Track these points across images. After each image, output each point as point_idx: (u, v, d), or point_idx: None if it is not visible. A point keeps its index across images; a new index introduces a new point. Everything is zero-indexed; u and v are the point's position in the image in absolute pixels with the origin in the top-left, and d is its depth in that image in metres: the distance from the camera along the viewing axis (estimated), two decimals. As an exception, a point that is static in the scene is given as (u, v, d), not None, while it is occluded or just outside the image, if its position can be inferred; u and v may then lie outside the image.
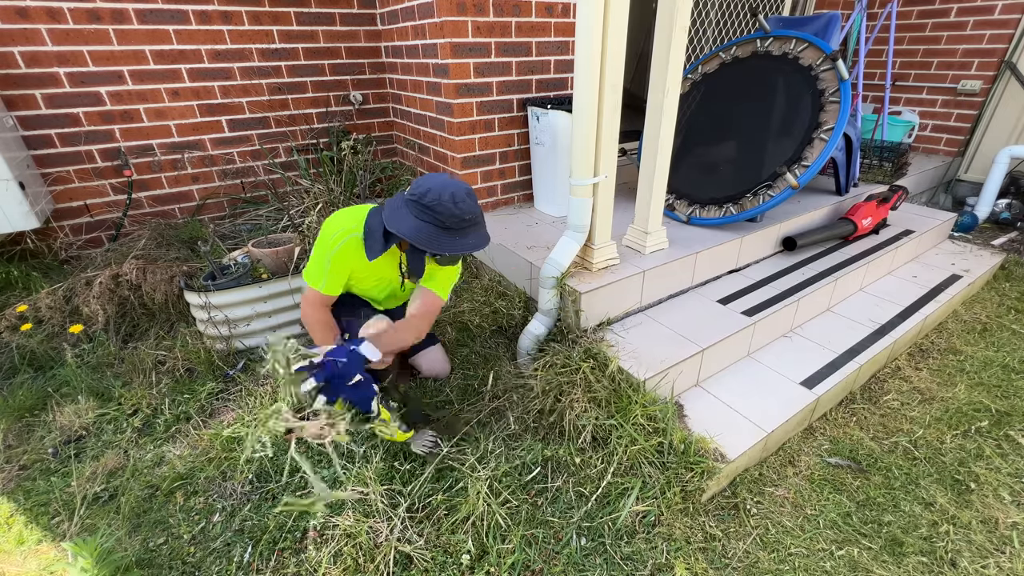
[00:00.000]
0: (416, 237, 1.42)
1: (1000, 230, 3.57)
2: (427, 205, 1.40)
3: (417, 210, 1.42)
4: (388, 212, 1.48)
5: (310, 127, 3.25)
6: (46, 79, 2.51)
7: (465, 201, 1.42)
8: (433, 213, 1.40)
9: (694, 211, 2.58)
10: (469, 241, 1.47)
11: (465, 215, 1.42)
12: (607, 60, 1.70)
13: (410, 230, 1.41)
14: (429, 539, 1.46)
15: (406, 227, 1.42)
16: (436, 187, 1.40)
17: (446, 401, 2.04)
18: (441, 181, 1.43)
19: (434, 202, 1.39)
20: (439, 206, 1.39)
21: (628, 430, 1.65)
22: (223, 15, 2.78)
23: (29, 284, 2.44)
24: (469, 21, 2.41)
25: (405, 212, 1.44)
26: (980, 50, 3.68)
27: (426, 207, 1.40)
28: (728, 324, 2.06)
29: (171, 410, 1.98)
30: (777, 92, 2.54)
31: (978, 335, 2.48)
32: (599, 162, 1.88)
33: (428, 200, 1.39)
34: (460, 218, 1.41)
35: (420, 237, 1.42)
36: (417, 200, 1.41)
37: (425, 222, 1.41)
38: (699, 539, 1.52)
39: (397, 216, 1.45)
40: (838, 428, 1.95)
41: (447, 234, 1.43)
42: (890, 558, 1.47)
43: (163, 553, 1.48)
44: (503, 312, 2.27)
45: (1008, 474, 1.73)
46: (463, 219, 1.42)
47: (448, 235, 1.43)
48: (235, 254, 2.40)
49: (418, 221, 1.42)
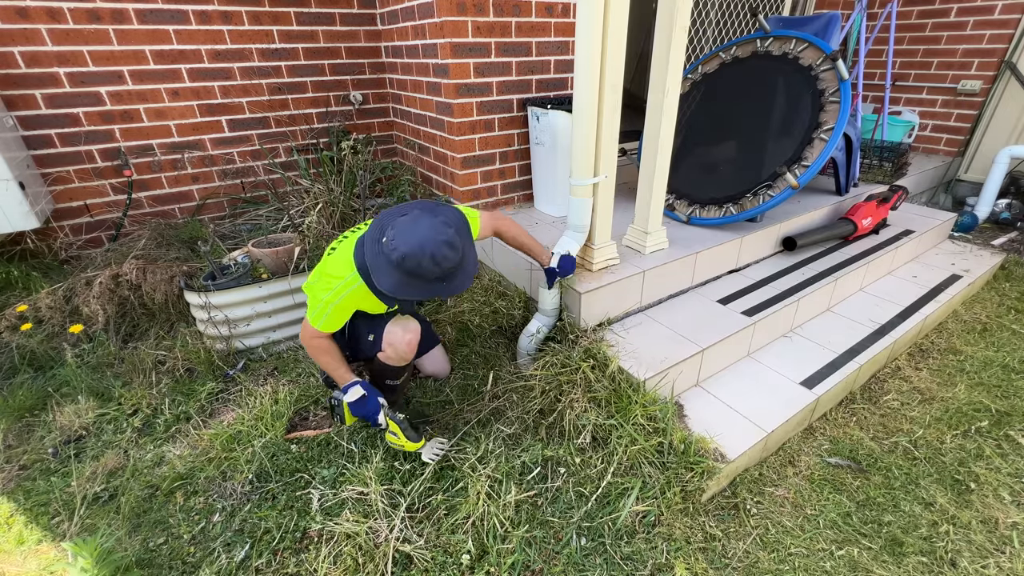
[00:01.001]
0: (404, 293, 1.42)
1: (1000, 230, 3.57)
2: (408, 271, 1.38)
3: (396, 270, 1.40)
4: (369, 258, 1.46)
5: (310, 127, 3.25)
6: (46, 79, 2.51)
7: (445, 256, 1.38)
8: (411, 274, 1.39)
9: (694, 211, 2.58)
10: (455, 285, 1.46)
11: (447, 267, 1.40)
12: (607, 60, 1.70)
13: (395, 288, 1.41)
14: (429, 539, 1.46)
15: (388, 285, 1.41)
16: (413, 251, 1.36)
17: (446, 401, 2.05)
18: (417, 242, 1.36)
19: (414, 268, 1.37)
20: (420, 270, 1.38)
21: (628, 430, 1.65)
22: (223, 15, 2.77)
23: (29, 284, 2.44)
24: (469, 21, 2.41)
25: (385, 267, 1.42)
26: (980, 50, 3.68)
27: (407, 271, 1.38)
28: (728, 324, 2.06)
29: (171, 410, 1.98)
30: (777, 92, 2.54)
31: (978, 335, 2.48)
32: (599, 162, 1.88)
33: (408, 266, 1.37)
34: (444, 270, 1.40)
35: (408, 292, 1.42)
36: (396, 265, 1.38)
37: (408, 277, 1.40)
38: (699, 539, 1.52)
39: (378, 269, 1.43)
40: (838, 428, 1.95)
41: (431, 284, 1.43)
42: (890, 558, 1.47)
43: (163, 553, 1.48)
44: (503, 312, 2.27)
45: (1008, 474, 1.73)
46: (446, 270, 1.41)
47: (433, 284, 1.43)
48: (235, 254, 2.40)
49: (398, 276, 1.40)
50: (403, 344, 1.71)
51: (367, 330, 1.74)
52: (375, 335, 1.73)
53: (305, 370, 2.19)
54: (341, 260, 1.59)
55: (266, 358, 2.32)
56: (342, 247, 1.63)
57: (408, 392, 2.06)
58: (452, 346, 2.28)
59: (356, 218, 2.70)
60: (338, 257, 1.61)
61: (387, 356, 1.74)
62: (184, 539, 1.51)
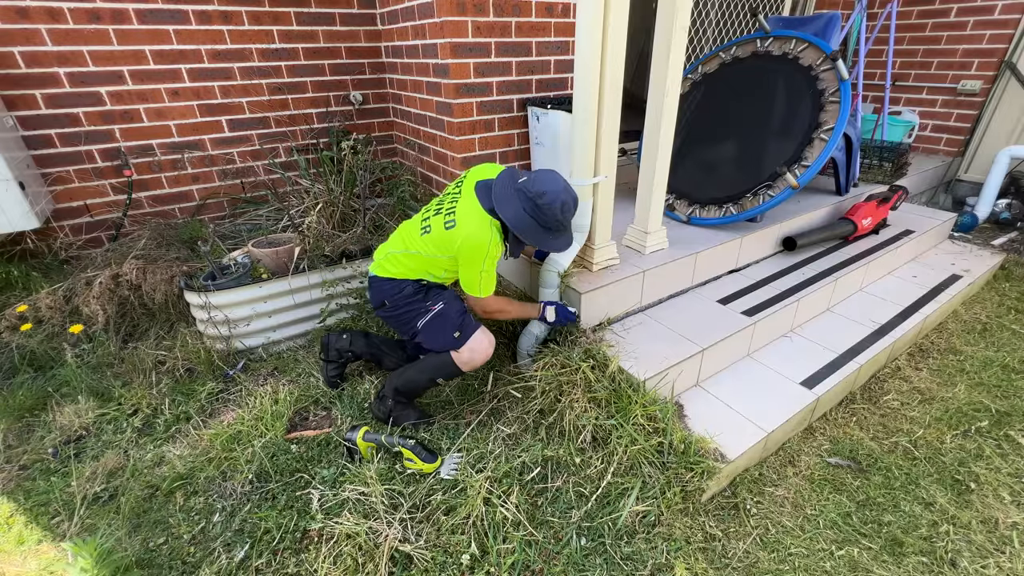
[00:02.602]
0: (516, 226, 1.60)
1: (1000, 230, 3.57)
2: (539, 205, 1.57)
3: (526, 203, 1.59)
4: (498, 192, 1.63)
5: (310, 127, 3.25)
6: (46, 79, 2.51)
7: (569, 212, 1.62)
8: (540, 212, 1.58)
9: (694, 211, 2.58)
10: (559, 242, 1.70)
11: (565, 222, 1.65)
12: (607, 60, 1.70)
13: (513, 218, 1.59)
14: (429, 539, 1.46)
15: (511, 214, 1.59)
16: (551, 192, 1.57)
17: (446, 401, 2.05)
18: (560, 187, 1.59)
19: (546, 205, 1.57)
20: (549, 210, 1.57)
21: (628, 430, 1.65)
22: (223, 15, 2.77)
23: (29, 284, 2.44)
24: (469, 21, 2.41)
25: (514, 201, 1.60)
26: (980, 50, 3.68)
27: (538, 206, 1.57)
28: (728, 324, 2.06)
29: (171, 410, 1.98)
30: (777, 92, 2.54)
31: (978, 335, 2.48)
32: (599, 162, 1.88)
33: (542, 201, 1.56)
34: (560, 223, 1.63)
35: (520, 227, 1.60)
36: (532, 198, 1.57)
37: (528, 215, 1.59)
38: (699, 539, 1.52)
39: (506, 203, 1.61)
40: (838, 428, 1.95)
41: (544, 231, 1.63)
42: (890, 558, 1.47)
43: (163, 553, 1.48)
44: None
45: (1008, 474, 1.73)
46: (562, 224, 1.64)
47: (544, 232, 1.64)
48: (235, 254, 2.40)
49: (523, 213, 1.59)
50: (482, 355, 1.77)
51: (455, 327, 1.76)
52: (462, 334, 1.75)
53: (305, 370, 2.19)
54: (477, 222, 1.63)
55: (266, 358, 2.32)
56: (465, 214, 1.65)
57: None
58: (452, 346, 2.28)
59: (356, 218, 2.70)
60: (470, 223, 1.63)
61: (462, 359, 1.76)
62: (184, 539, 1.51)
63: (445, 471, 1.66)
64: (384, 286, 1.82)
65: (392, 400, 1.87)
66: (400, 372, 1.88)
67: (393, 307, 1.81)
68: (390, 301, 1.81)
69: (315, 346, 2.35)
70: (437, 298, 1.79)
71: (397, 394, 1.86)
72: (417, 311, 1.78)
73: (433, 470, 1.66)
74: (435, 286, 1.83)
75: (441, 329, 1.76)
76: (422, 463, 1.64)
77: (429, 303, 1.78)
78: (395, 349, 2.10)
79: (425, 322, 1.77)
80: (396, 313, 1.82)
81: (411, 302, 1.78)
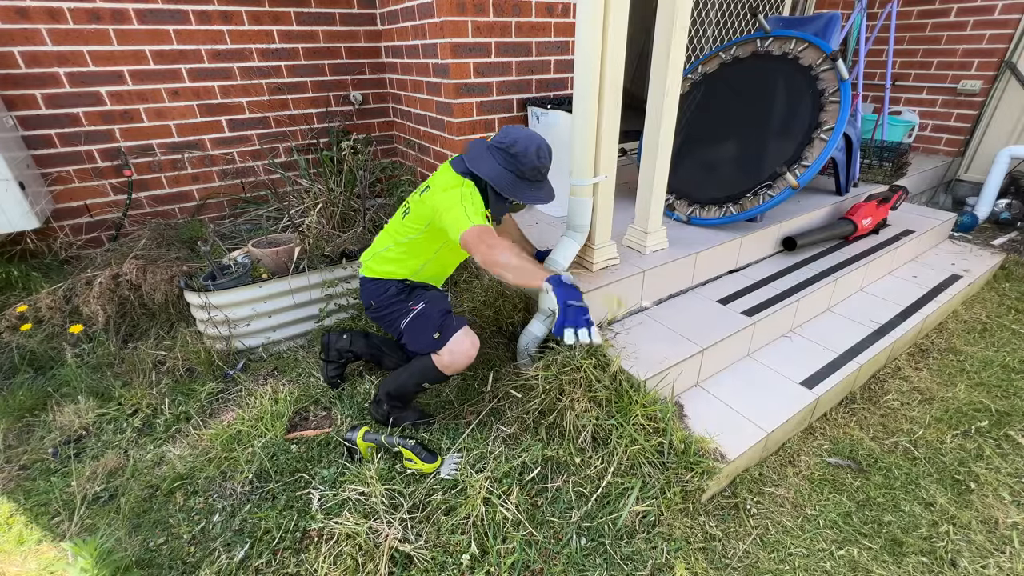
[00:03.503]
0: (496, 182, 1.56)
1: (1000, 230, 3.57)
2: (513, 154, 1.53)
3: (501, 157, 1.55)
4: (472, 155, 1.60)
5: (310, 127, 3.25)
6: (46, 79, 2.51)
7: (547, 156, 1.58)
8: (516, 162, 1.55)
9: (694, 211, 2.58)
10: (542, 193, 1.64)
11: (543, 168, 1.60)
12: (607, 60, 1.70)
13: (492, 174, 1.55)
14: (429, 539, 1.46)
15: (488, 170, 1.56)
16: (523, 138, 1.54)
17: (446, 401, 2.05)
18: (527, 134, 1.56)
19: (520, 152, 1.52)
20: (524, 157, 1.53)
21: (628, 430, 1.65)
22: (223, 15, 2.77)
23: (29, 284, 2.44)
24: (469, 21, 2.41)
25: (488, 157, 1.57)
26: (980, 50, 3.68)
27: (512, 156, 1.53)
28: (728, 324, 2.06)
29: (171, 410, 1.98)
30: (777, 92, 2.54)
31: (978, 335, 2.48)
32: (599, 162, 1.88)
33: (516, 150, 1.52)
34: (538, 170, 1.58)
35: (500, 183, 1.56)
36: (504, 149, 1.54)
37: (507, 170, 1.56)
38: (699, 539, 1.52)
39: (480, 160, 1.58)
40: (838, 428, 1.95)
41: (523, 183, 1.58)
42: (890, 558, 1.47)
43: (163, 553, 1.48)
44: (503, 312, 2.26)
45: (1008, 474, 1.73)
46: (540, 171, 1.59)
47: (524, 184, 1.59)
48: (235, 254, 2.40)
49: (500, 168, 1.56)
50: (464, 357, 1.69)
51: (436, 327, 1.69)
52: (442, 335, 1.67)
53: (305, 370, 2.19)
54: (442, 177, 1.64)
55: (266, 358, 2.32)
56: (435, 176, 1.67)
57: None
58: (452, 346, 2.27)
59: (356, 218, 2.70)
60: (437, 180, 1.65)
61: (443, 362, 1.69)
62: (184, 539, 1.51)
63: (445, 471, 1.66)
64: (370, 287, 1.81)
65: (387, 404, 1.88)
66: (392, 376, 1.88)
67: (379, 307, 1.80)
68: (376, 302, 1.80)
69: (315, 346, 2.35)
70: (419, 298, 1.75)
71: (390, 398, 1.86)
72: (400, 311, 1.76)
73: (433, 470, 1.66)
74: (419, 286, 1.81)
75: (422, 330, 1.71)
76: (422, 463, 1.64)
77: (411, 303, 1.74)
78: (395, 349, 2.10)
79: (407, 322, 1.74)
80: (382, 314, 1.81)
81: (394, 302, 1.76)
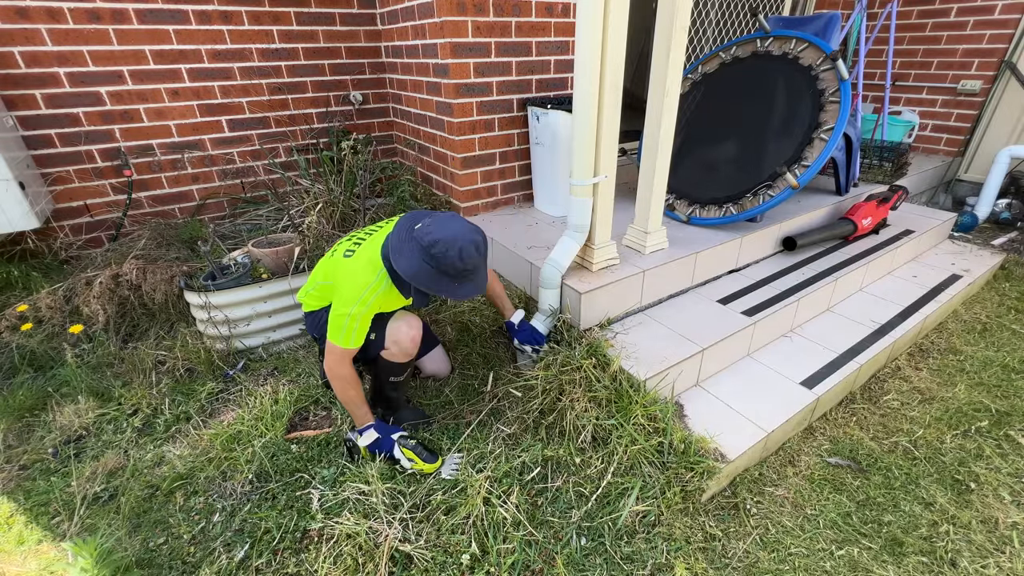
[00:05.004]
0: (414, 279, 1.49)
1: (1000, 230, 3.57)
2: (433, 255, 1.45)
3: (422, 253, 1.47)
4: (394, 244, 1.53)
5: (310, 127, 3.25)
6: (46, 79, 2.51)
7: (472, 257, 1.47)
8: (436, 261, 1.46)
9: (694, 211, 2.58)
10: (464, 290, 1.54)
11: (467, 267, 1.48)
12: (607, 60, 1.70)
13: (409, 271, 1.48)
14: (429, 539, 1.46)
15: (405, 266, 1.48)
16: (446, 239, 1.44)
17: (446, 402, 2.05)
18: (452, 234, 1.46)
19: (440, 254, 1.45)
20: (444, 259, 1.45)
21: (628, 430, 1.65)
22: (223, 15, 2.77)
23: (29, 284, 2.44)
24: (469, 21, 2.41)
25: (409, 251, 1.49)
26: (980, 50, 3.68)
27: (433, 256, 1.45)
28: (728, 324, 2.06)
29: (171, 410, 1.98)
30: (777, 92, 2.54)
31: (978, 335, 2.48)
32: (599, 162, 1.88)
33: (435, 251, 1.45)
34: (460, 270, 1.48)
35: (419, 279, 1.49)
36: (426, 248, 1.46)
37: (427, 265, 1.47)
38: (699, 539, 1.52)
39: (400, 252, 1.51)
40: (838, 428, 1.95)
41: (445, 278, 1.49)
42: (890, 558, 1.47)
43: (163, 553, 1.48)
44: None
45: (1008, 474, 1.73)
46: (463, 271, 1.49)
47: (447, 280, 1.50)
48: (235, 254, 2.40)
49: (421, 263, 1.47)
50: (407, 340, 1.71)
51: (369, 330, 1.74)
52: (377, 334, 1.72)
53: (305, 370, 2.19)
54: (365, 261, 1.60)
55: (266, 358, 2.32)
56: (362, 250, 1.63)
57: (408, 392, 2.06)
58: (452, 346, 2.28)
59: (356, 218, 2.70)
60: (360, 260, 1.61)
61: (391, 354, 1.74)
62: (184, 539, 1.51)
63: (446, 471, 1.66)
64: (308, 320, 1.85)
65: (379, 409, 1.89)
66: (369, 384, 1.89)
67: (322, 337, 1.77)
68: (316, 332, 1.82)
69: (315, 346, 2.35)
70: None
71: (376, 404, 1.88)
72: None
73: (434, 470, 1.66)
74: None
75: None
76: (423, 463, 1.64)
77: None
78: None
79: None
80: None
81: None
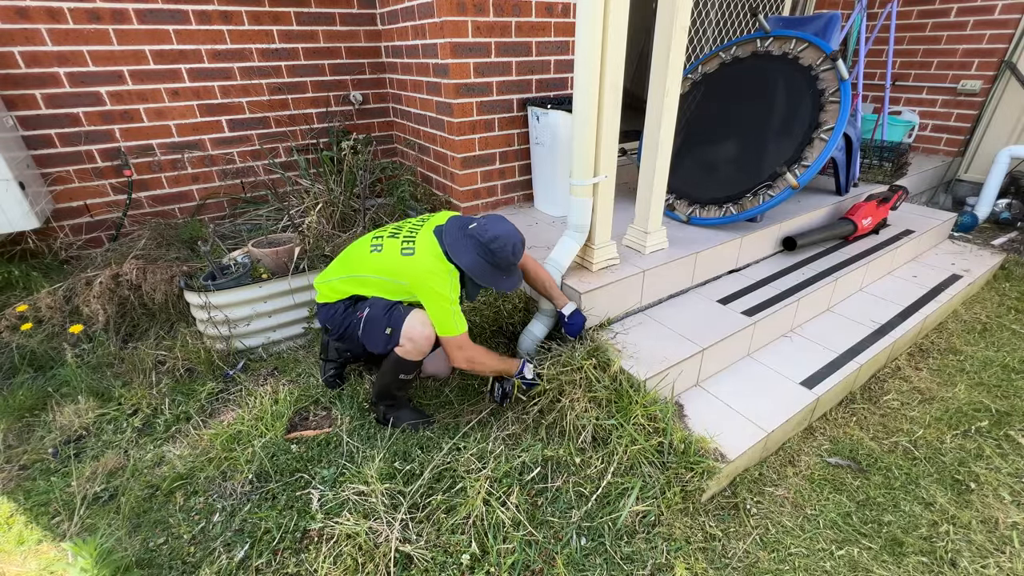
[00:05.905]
0: (474, 272, 1.68)
1: (1000, 230, 3.57)
2: (492, 250, 1.66)
3: (479, 249, 1.67)
4: (450, 241, 1.71)
5: (310, 127, 3.25)
6: (46, 79, 2.51)
7: (520, 252, 1.73)
8: (493, 256, 1.67)
9: (694, 211, 2.58)
10: (510, 282, 1.78)
11: (514, 262, 1.73)
12: (607, 60, 1.70)
13: (469, 264, 1.68)
14: (429, 539, 1.46)
15: (468, 262, 1.68)
16: (504, 236, 1.67)
17: (446, 402, 2.05)
18: (508, 231, 1.69)
19: (499, 249, 1.66)
20: (501, 252, 1.67)
21: (628, 430, 1.65)
22: (223, 15, 2.77)
23: (29, 284, 2.44)
24: (469, 21, 2.41)
25: (465, 246, 1.68)
26: (980, 50, 3.68)
27: (491, 251, 1.66)
28: (728, 324, 2.06)
29: (171, 410, 1.98)
30: (777, 92, 2.54)
31: (978, 335, 2.48)
32: (599, 162, 1.88)
33: (495, 246, 1.65)
34: (510, 264, 1.72)
35: (476, 272, 1.68)
36: (485, 244, 1.65)
37: (483, 260, 1.68)
38: (699, 539, 1.52)
39: (458, 248, 1.69)
40: (838, 428, 1.95)
41: (497, 272, 1.71)
42: (890, 558, 1.47)
43: (163, 553, 1.48)
44: (503, 312, 2.26)
45: (1008, 474, 1.73)
46: (511, 265, 1.73)
47: (498, 273, 1.72)
48: (235, 254, 2.40)
49: (477, 258, 1.67)
50: (423, 338, 1.72)
51: (384, 324, 1.74)
52: (393, 329, 1.72)
53: (305, 370, 2.19)
54: (433, 258, 1.70)
55: (266, 358, 2.32)
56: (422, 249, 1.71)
57: (408, 392, 2.06)
58: (452, 346, 2.27)
59: (356, 218, 2.70)
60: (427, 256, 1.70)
61: (405, 350, 1.73)
62: (184, 539, 1.51)
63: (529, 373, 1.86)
64: (322, 312, 1.86)
65: (383, 406, 1.90)
66: (376, 378, 1.90)
67: (335, 329, 1.83)
68: (331, 324, 1.84)
69: (315, 346, 2.35)
70: (363, 305, 1.78)
71: (380, 399, 1.89)
72: (352, 324, 1.78)
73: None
74: (361, 297, 1.82)
75: (375, 332, 1.74)
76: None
77: (358, 312, 1.78)
78: None
79: (361, 332, 1.77)
80: (340, 333, 1.84)
81: (344, 317, 1.79)
